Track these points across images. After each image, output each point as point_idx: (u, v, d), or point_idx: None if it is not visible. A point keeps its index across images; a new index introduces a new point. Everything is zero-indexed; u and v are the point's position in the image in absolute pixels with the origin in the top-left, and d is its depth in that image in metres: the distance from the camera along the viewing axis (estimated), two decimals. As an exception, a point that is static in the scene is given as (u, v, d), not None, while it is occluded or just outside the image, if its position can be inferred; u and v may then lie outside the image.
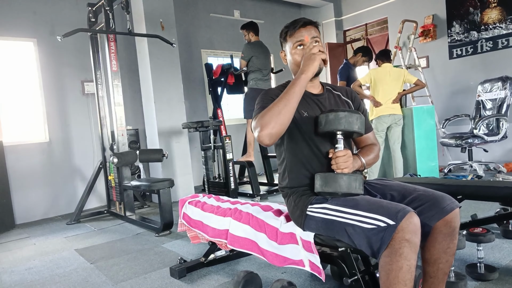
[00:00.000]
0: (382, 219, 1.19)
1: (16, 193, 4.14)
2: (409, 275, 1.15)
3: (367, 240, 1.21)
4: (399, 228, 1.14)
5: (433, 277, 1.36)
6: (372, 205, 1.26)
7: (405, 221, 1.15)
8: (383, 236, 1.17)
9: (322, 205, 1.38)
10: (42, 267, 2.63)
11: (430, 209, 1.31)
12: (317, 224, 1.39)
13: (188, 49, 5.56)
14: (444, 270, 1.35)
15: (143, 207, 4.46)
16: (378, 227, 1.18)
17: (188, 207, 2.16)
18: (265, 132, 1.33)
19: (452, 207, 1.30)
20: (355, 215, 1.26)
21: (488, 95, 4.45)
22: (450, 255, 1.34)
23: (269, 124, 1.33)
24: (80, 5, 4.49)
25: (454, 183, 2.24)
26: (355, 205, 1.29)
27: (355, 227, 1.25)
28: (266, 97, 1.50)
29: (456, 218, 1.31)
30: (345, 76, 4.59)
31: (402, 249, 1.14)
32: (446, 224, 1.30)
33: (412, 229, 1.15)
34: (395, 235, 1.15)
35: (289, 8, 7.00)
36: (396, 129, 4.10)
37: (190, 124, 4.13)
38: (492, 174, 4.36)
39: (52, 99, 4.48)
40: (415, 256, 1.16)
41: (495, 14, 4.83)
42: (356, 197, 1.34)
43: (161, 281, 2.20)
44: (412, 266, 1.15)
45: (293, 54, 1.53)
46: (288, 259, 1.53)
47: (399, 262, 1.14)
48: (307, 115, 1.49)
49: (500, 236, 2.35)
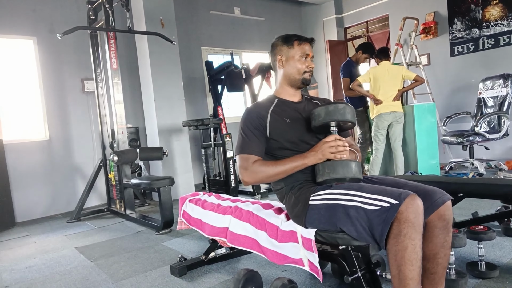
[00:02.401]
0: (385, 199, 1.23)
1: (16, 191, 4.15)
2: (415, 255, 1.19)
3: (369, 224, 1.25)
4: (402, 208, 1.19)
5: (433, 273, 1.37)
6: (376, 188, 1.31)
7: (408, 200, 1.19)
8: (386, 216, 1.20)
9: (327, 191, 1.41)
10: (43, 265, 2.63)
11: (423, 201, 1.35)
12: (319, 213, 1.40)
13: (188, 46, 5.55)
14: (443, 265, 1.38)
15: (144, 205, 4.46)
16: (382, 207, 1.22)
17: (188, 205, 2.16)
18: (252, 180, 1.52)
19: (443, 199, 1.34)
20: (359, 197, 1.30)
21: (490, 93, 4.43)
22: (447, 248, 1.37)
23: (259, 177, 1.51)
24: (80, 3, 4.47)
25: (455, 181, 2.23)
26: (359, 187, 1.34)
27: (359, 209, 1.28)
28: (248, 130, 1.57)
29: (448, 210, 1.35)
30: (347, 73, 4.58)
31: (406, 229, 1.18)
32: (440, 218, 1.34)
33: (415, 209, 1.19)
34: (398, 215, 1.19)
35: (289, 5, 6.98)
36: (397, 126, 4.09)
37: (191, 122, 4.12)
38: (493, 172, 4.35)
39: (52, 97, 4.47)
40: (419, 236, 1.20)
41: (497, 11, 4.80)
42: (360, 182, 1.39)
43: (161, 279, 2.19)
44: (417, 246, 1.19)
45: (298, 62, 1.63)
46: (287, 257, 1.53)
47: (404, 242, 1.18)
48: (290, 121, 1.58)
49: (501, 234, 2.34)
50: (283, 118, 1.58)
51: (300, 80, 1.64)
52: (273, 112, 1.59)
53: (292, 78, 1.64)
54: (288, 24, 6.97)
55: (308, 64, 1.62)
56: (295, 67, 1.63)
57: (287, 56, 1.65)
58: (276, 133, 1.56)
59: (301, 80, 1.64)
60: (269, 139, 1.57)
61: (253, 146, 1.54)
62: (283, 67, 1.66)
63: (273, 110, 1.60)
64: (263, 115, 1.58)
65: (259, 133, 1.56)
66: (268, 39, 5.61)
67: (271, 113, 1.58)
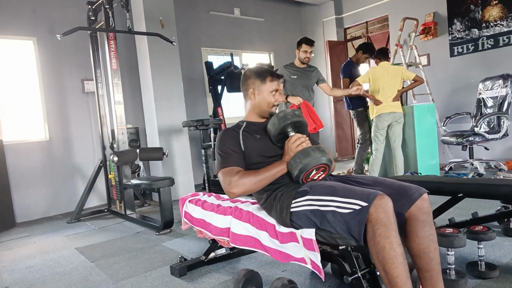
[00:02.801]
0: (356, 202, 1.29)
1: (16, 192, 4.15)
2: (393, 252, 1.23)
3: (347, 226, 1.30)
4: (371, 210, 1.25)
5: (429, 270, 1.39)
6: (348, 190, 1.37)
7: (376, 201, 1.25)
8: (359, 218, 1.27)
9: (305, 197, 1.46)
10: (43, 266, 2.63)
11: (399, 198, 1.41)
12: (302, 219, 1.47)
13: (188, 47, 5.55)
14: (437, 260, 1.40)
15: (144, 205, 4.46)
16: (354, 210, 1.28)
17: (188, 205, 2.15)
18: (239, 190, 1.57)
19: (420, 193, 1.41)
20: (333, 201, 1.36)
21: (489, 93, 4.43)
22: (435, 242, 1.41)
23: (246, 186, 1.57)
24: (80, 4, 4.48)
25: (455, 181, 2.24)
26: (333, 192, 1.40)
27: (335, 213, 1.34)
28: (226, 148, 1.68)
29: (426, 203, 1.41)
30: (347, 73, 4.59)
31: (379, 229, 1.24)
32: (419, 211, 1.39)
33: (384, 209, 1.24)
34: (369, 216, 1.25)
35: (289, 6, 6.99)
36: (397, 127, 4.09)
37: (190, 123, 4.12)
38: (493, 172, 4.36)
39: (52, 97, 4.47)
40: (394, 233, 1.24)
41: (496, 12, 4.81)
42: (334, 185, 1.44)
43: (161, 279, 2.20)
44: (393, 243, 1.23)
45: (268, 96, 1.78)
46: (291, 256, 1.55)
47: (380, 242, 1.24)
48: (260, 137, 1.73)
49: (501, 234, 2.35)
50: (254, 135, 1.72)
51: (268, 112, 1.80)
52: (244, 131, 1.73)
53: (261, 109, 1.80)
54: (288, 25, 6.98)
55: (276, 98, 1.79)
56: (265, 101, 1.78)
57: (259, 90, 1.78)
58: (250, 149, 1.68)
59: (269, 112, 1.80)
60: (245, 155, 1.68)
61: (234, 159, 1.64)
62: (254, 99, 1.80)
63: (244, 130, 1.74)
64: (236, 135, 1.72)
65: (236, 149, 1.67)
66: (268, 40, 5.60)
67: (243, 132, 1.73)
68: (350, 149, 6.85)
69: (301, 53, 3.85)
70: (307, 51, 3.83)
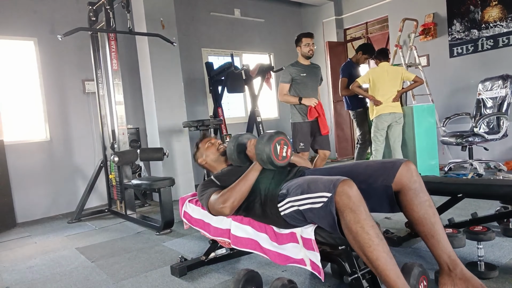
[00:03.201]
0: (323, 194, 1.31)
1: (17, 192, 4.15)
2: (366, 235, 1.23)
3: (325, 219, 1.32)
4: (336, 198, 1.26)
5: (434, 235, 1.41)
6: (315, 183, 1.39)
7: (339, 189, 1.27)
8: (329, 209, 1.27)
9: (286, 200, 1.49)
10: (43, 266, 2.64)
11: (382, 172, 1.47)
12: (292, 220, 1.50)
13: (188, 47, 5.56)
14: (439, 224, 1.43)
15: (144, 205, 4.47)
16: (324, 202, 1.30)
17: (188, 205, 2.16)
18: (229, 204, 1.63)
19: (400, 162, 1.49)
20: (307, 199, 1.38)
21: (489, 94, 4.44)
22: (433, 207, 1.45)
23: (232, 197, 1.64)
24: (81, 4, 4.49)
25: (454, 181, 2.24)
26: (303, 189, 1.42)
27: (312, 210, 1.36)
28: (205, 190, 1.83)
29: (414, 172, 1.47)
30: (347, 73, 4.59)
31: (348, 216, 1.25)
32: (409, 180, 1.44)
33: (347, 194, 1.25)
34: (337, 205, 1.26)
35: (289, 6, 6.99)
36: (396, 127, 4.10)
37: (191, 123, 4.13)
38: (492, 173, 4.36)
39: (53, 98, 4.48)
40: (363, 216, 1.24)
41: (496, 13, 4.82)
42: (304, 181, 1.46)
43: (161, 279, 2.20)
44: (365, 226, 1.23)
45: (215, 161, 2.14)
46: (290, 258, 1.54)
47: (352, 228, 1.25)
48: (233, 168, 1.92)
49: (500, 234, 2.35)
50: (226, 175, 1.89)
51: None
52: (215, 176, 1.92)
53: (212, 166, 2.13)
54: (288, 26, 6.99)
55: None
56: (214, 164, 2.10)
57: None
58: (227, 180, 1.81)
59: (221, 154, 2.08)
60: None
61: (214, 188, 1.79)
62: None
63: (215, 175, 1.93)
64: (212, 180, 1.89)
65: (214, 185, 1.84)
66: (268, 40, 5.60)
67: (215, 177, 1.91)
68: (350, 149, 6.86)
69: (304, 48, 3.71)
70: (309, 44, 3.70)
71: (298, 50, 3.79)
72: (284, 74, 3.78)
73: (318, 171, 1.75)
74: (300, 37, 3.75)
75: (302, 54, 3.75)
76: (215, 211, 1.69)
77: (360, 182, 1.44)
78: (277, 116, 6.81)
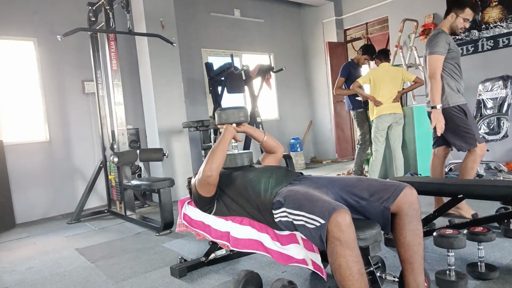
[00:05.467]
0: (316, 218, 1.31)
1: (16, 193, 4.15)
2: (349, 270, 1.24)
3: (315, 240, 1.34)
4: (329, 227, 1.26)
5: (412, 262, 1.46)
6: (312, 204, 1.38)
7: (332, 219, 1.26)
8: (320, 234, 1.29)
9: (281, 209, 1.50)
10: (43, 267, 2.63)
11: (382, 193, 1.46)
12: (288, 226, 1.51)
13: (188, 48, 5.56)
14: (420, 254, 1.46)
15: (144, 206, 4.46)
16: (316, 226, 1.31)
17: (188, 207, 2.15)
18: (208, 167, 1.67)
19: (403, 186, 1.47)
20: (302, 216, 1.38)
21: (489, 94, 4.43)
22: (420, 237, 1.47)
23: (209, 159, 1.69)
24: (80, 5, 4.48)
25: (455, 182, 2.24)
26: (300, 206, 1.42)
27: (305, 227, 1.37)
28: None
29: (415, 199, 1.46)
30: (345, 73, 4.59)
31: (336, 247, 1.25)
32: (409, 206, 1.44)
33: (339, 227, 1.25)
34: (328, 234, 1.27)
35: (289, 7, 7.00)
36: (397, 128, 4.10)
37: (191, 123, 4.13)
38: (493, 173, 4.36)
39: (53, 98, 4.48)
40: (349, 251, 1.25)
41: (496, 13, 4.82)
42: (302, 197, 1.45)
43: (161, 280, 2.20)
44: (349, 261, 1.24)
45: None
46: (292, 258, 1.55)
47: (337, 260, 1.26)
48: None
49: (501, 235, 2.35)
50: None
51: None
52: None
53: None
54: (288, 26, 6.99)
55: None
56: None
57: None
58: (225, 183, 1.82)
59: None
60: (226, 189, 1.82)
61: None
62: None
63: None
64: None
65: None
66: (268, 41, 5.59)
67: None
68: (350, 150, 6.85)
69: (459, 21, 2.76)
70: (468, 20, 2.78)
71: (451, 17, 2.78)
72: (440, 42, 2.69)
73: (320, 179, 1.72)
74: (465, 4, 2.74)
75: (453, 26, 2.79)
76: (203, 180, 1.69)
77: (361, 198, 1.51)
78: (277, 116, 6.81)
